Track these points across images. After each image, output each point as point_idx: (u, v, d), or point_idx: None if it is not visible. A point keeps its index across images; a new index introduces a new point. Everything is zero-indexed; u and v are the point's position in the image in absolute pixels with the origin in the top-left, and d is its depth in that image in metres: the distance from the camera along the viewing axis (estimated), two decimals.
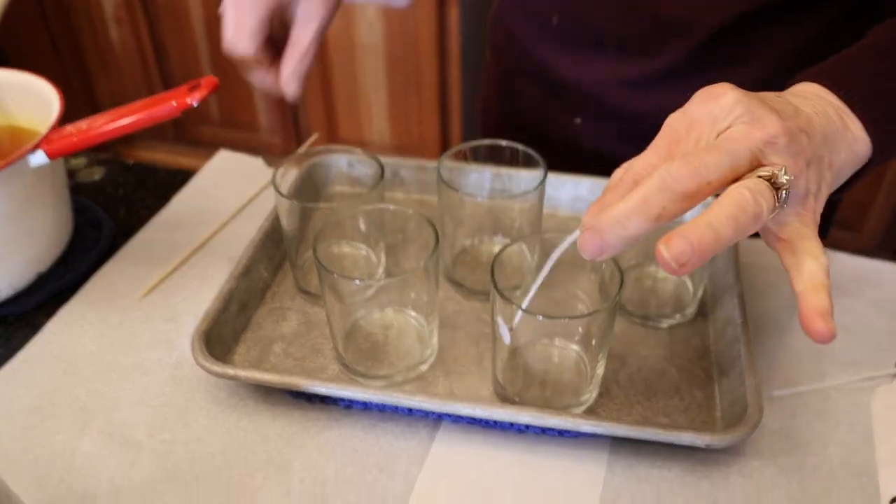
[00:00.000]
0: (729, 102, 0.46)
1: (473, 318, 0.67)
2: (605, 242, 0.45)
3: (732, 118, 0.46)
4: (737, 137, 0.45)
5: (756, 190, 0.44)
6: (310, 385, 0.57)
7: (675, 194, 0.44)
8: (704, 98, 0.47)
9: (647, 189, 0.44)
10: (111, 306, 0.70)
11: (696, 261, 0.43)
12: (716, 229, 0.43)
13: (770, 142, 0.45)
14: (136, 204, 0.82)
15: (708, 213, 0.43)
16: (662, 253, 0.43)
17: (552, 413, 0.55)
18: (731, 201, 0.43)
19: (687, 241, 0.42)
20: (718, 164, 0.44)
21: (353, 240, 0.69)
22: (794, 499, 0.55)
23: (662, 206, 0.44)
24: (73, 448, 0.58)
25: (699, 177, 0.44)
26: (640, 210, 0.44)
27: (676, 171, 0.44)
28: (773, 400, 0.61)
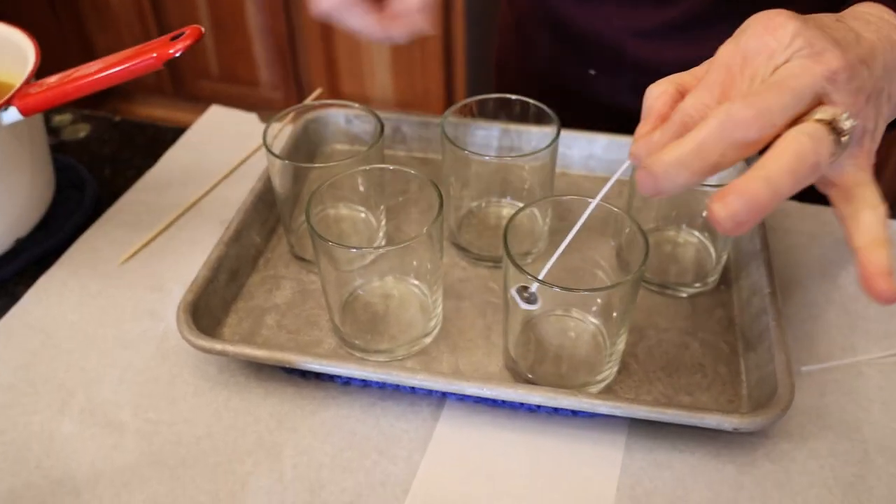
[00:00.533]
0: (788, 35, 0.41)
1: (480, 287, 0.62)
2: (658, 186, 0.41)
3: (791, 52, 0.41)
4: (798, 74, 0.40)
5: (815, 136, 0.39)
6: (304, 362, 0.53)
7: (735, 140, 0.39)
8: (761, 28, 0.42)
9: (705, 134, 0.39)
10: (94, 273, 0.65)
11: (753, 219, 0.38)
12: (774, 184, 0.38)
13: (831, 78, 0.40)
14: (122, 163, 0.77)
15: (764, 166, 0.39)
16: (717, 212, 0.38)
17: (566, 393, 0.50)
18: (789, 151, 0.38)
19: (743, 198, 0.38)
20: (783, 106, 0.39)
21: (350, 202, 0.63)
22: (827, 486, 0.50)
23: (721, 153, 0.39)
24: (52, 429, 0.53)
25: (763, 121, 0.39)
26: (696, 157, 0.39)
27: (738, 113, 0.39)
28: (800, 376, 0.57)
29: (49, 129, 0.81)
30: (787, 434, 0.53)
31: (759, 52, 0.42)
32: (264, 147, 0.59)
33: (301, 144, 0.71)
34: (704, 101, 0.42)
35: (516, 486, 0.50)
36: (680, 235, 0.64)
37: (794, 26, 0.41)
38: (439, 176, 0.71)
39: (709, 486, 0.50)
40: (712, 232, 0.63)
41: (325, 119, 0.72)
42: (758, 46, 0.42)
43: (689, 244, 0.64)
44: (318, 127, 0.73)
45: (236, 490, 0.50)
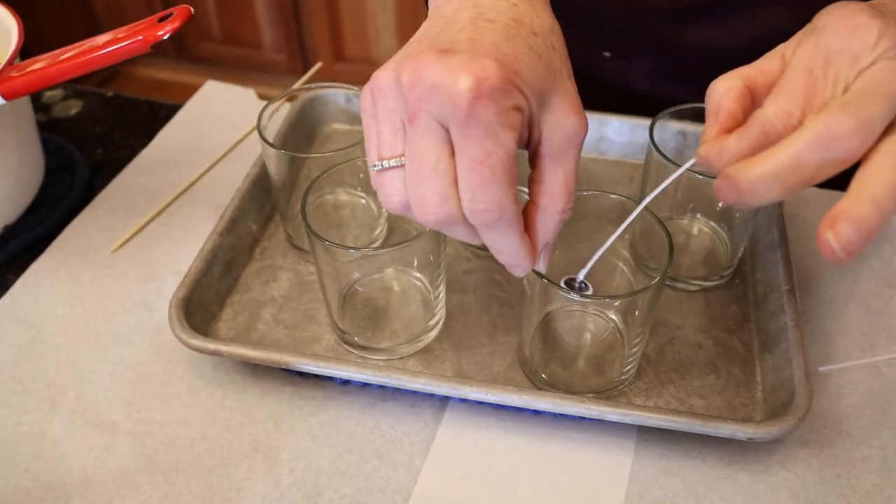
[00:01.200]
0: (873, 36, 0.37)
1: (486, 280, 0.59)
2: (743, 199, 0.38)
3: (877, 54, 0.37)
4: (890, 79, 0.36)
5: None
6: (301, 363, 0.50)
7: (834, 154, 0.36)
8: (841, 28, 0.38)
9: (801, 147, 0.36)
10: (85, 262, 0.62)
11: (863, 245, 0.35)
12: (882, 205, 0.35)
13: None
14: (115, 142, 0.73)
15: (867, 185, 0.35)
16: (830, 242, 0.35)
17: (573, 399, 0.48)
18: (890, 165, 0.35)
19: (855, 225, 0.35)
20: (882, 115, 0.36)
21: (350, 186, 0.60)
22: (844, 495, 0.48)
23: (818, 167, 0.36)
24: (42, 431, 0.51)
25: (864, 133, 0.35)
26: (790, 173, 0.36)
27: (838, 126, 0.35)
28: (817, 377, 0.54)
29: (39, 105, 0.77)
30: (803, 440, 0.51)
31: (841, 53, 0.38)
32: (258, 134, 0.56)
33: (299, 125, 0.68)
34: (788, 108, 0.38)
35: (521, 494, 0.48)
36: (694, 225, 0.61)
37: (878, 26, 0.38)
38: None
39: (721, 496, 0.48)
40: (729, 222, 0.59)
41: (325, 98, 0.69)
42: (840, 48, 0.38)
43: (704, 234, 0.61)
44: (317, 106, 0.69)
45: (231, 496, 0.48)
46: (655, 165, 0.56)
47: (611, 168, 0.68)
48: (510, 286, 0.58)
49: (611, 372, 0.52)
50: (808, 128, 0.36)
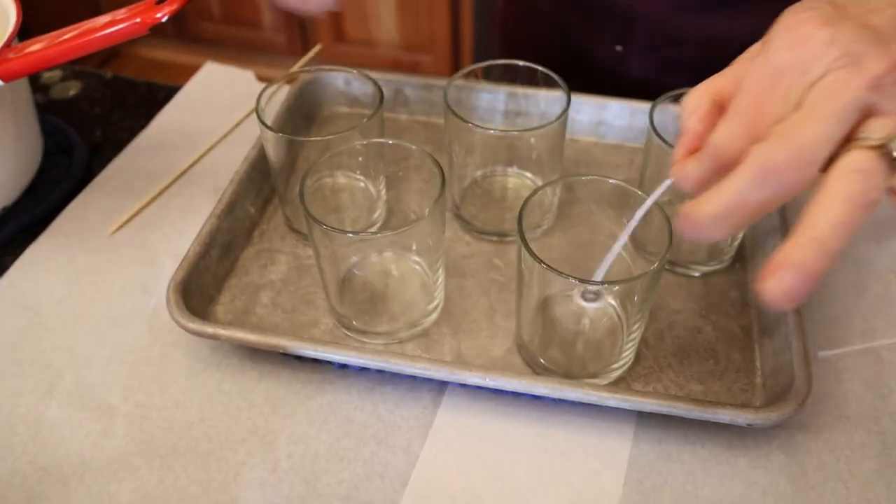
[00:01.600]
0: (819, 46, 0.35)
1: (484, 263, 0.58)
2: (703, 235, 0.37)
3: (826, 64, 0.35)
4: (837, 92, 0.34)
5: (866, 170, 0.33)
6: (298, 347, 0.49)
7: (776, 186, 0.34)
8: (789, 40, 0.36)
9: (742, 183, 0.35)
10: (83, 245, 0.61)
11: (808, 289, 0.34)
12: (827, 245, 0.33)
13: (875, 85, 0.34)
14: (113, 124, 0.72)
15: (811, 224, 0.34)
16: (771, 290, 0.34)
17: (572, 384, 0.47)
18: (838, 198, 0.33)
19: (796, 270, 0.33)
20: (822, 137, 0.34)
21: (349, 169, 0.59)
22: (843, 480, 0.48)
23: (764, 200, 0.35)
24: (39, 413, 0.51)
25: (802, 161, 0.34)
26: (736, 209, 0.35)
27: (773, 158, 0.34)
28: (817, 362, 0.53)
29: (38, 86, 0.76)
30: (803, 425, 0.50)
31: (790, 67, 0.36)
32: (257, 117, 0.55)
33: (298, 107, 0.67)
34: (735, 131, 0.37)
35: (520, 480, 0.47)
36: None
37: (825, 35, 0.35)
38: (442, 142, 0.67)
39: (720, 481, 0.47)
40: None
41: (324, 80, 0.68)
42: (789, 61, 0.36)
43: None
44: (316, 88, 0.68)
45: (229, 481, 0.47)
46: (655, 149, 0.55)
47: (610, 152, 0.68)
48: (509, 270, 0.58)
49: (609, 357, 0.52)
50: (747, 162, 0.35)
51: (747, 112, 0.37)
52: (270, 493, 0.47)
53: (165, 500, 0.46)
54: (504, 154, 0.62)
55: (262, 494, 0.47)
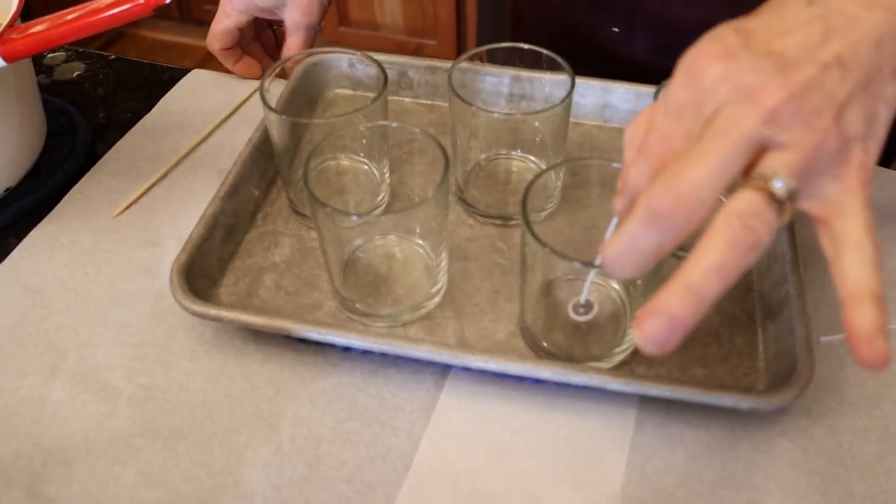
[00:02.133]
0: (710, 81, 0.34)
1: (488, 247, 0.58)
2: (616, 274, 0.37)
3: (719, 99, 0.34)
4: (725, 129, 0.33)
5: (748, 213, 0.33)
6: (303, 330, 0.49)
7: (666, 229, 0.33)
8: (685, 78, 0.35)
9: (633, 227, 0.34)
10: (87, 227, 0.60)
11: (679, 337, 0.33)
12: (698, 292, 0.33)
13: (770, 119, 0.33)
14: (116, 106, 0.72)
15: (687, 269, 0.33)
16: (637, 339, 0.34)
17: (576, 368, 0.47)
18: (716, 243, 0.33)
19: (662, 319, 0.33)
20: (709, 178, 0.33)
21: (353, 152, 0.59)
22: (845, 466, 0.47)
23: (657, 243, 0.34)
24: (42, 395, 0.50)
25: (686, 204, 0.33)
26: (633, 251, 0.35)
27: (657, 203, 0.33)
28: (819, 347, 0.53)
29: (41, 67, 0.76)
30: (805, 410, 0.50)
31: (686, 105, 0.35)
32: (260, 98, 0.55)
33: (302, 90, 0.66)
34: (642, 170, 0.36)
35: (522, 463, 0.47)
36: None
37: (717, 70, 0.34)
38: (446, 125, 0.67)
39: (723, 465, 0.47)
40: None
41: (328, 63, 0.67)
42: (684, 100, 0.35)
43: None
44: (320, 70, 0.67)
45: (232, 463, 0.47)
46: None
47: (615, 135, 0.67)
48: (512, 253, 0.57)
49: (612, 341, 0.51)
50: (637, 206, 0.34)
51: (653, 151, 0.36)
52: (274, 474, 0.46)
53: (169, 482, 0.46)
54: (508, 137, 0.61)
55: (266, 476, 0.46)
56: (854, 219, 0.35)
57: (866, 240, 0.34)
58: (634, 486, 0.46)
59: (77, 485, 0.46)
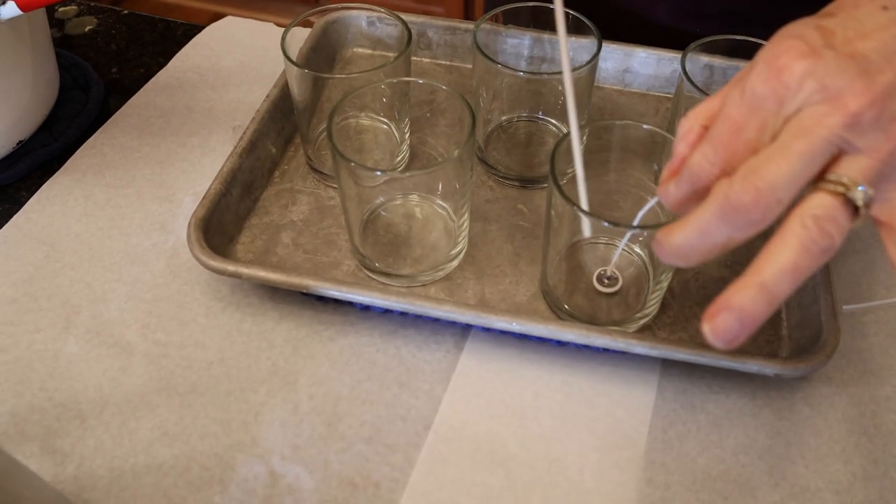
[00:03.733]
0: (795, 78, 0.33)
1: (509, 209, 0.56)
2: (674, 262, 0.37)
3: (803, 98, 0.33)
4: (809, 130, 0.33)
5: (824, 217, 0.32)
6: (321, 287, 0.47)
7: (740, 223, 0.33)
8: (766, 71, 0.34)
9: (706, 218, 0.34)
10: (100, 181, 0.58)
11: (748, 333, 0.33)
12: (771, 291, 0.33)
13: (852, 124, 0.32)
14: (130, 61, 0.69)
15: (759, 269, 0.33)
16: (706, 333, 0.33)
17: (600, 331, 0.45)
18: (790, 245, 0.32)
19: (734, 314, 0.33)
20: (789, 177, 0.32)
21: (373, 111, 0.57)
22: (868, 434, 0.46)
23: (728, 236, 0.34)
24: (56, 349, 0.49)
25: (765, 201, 0.32)
26: (701, 242, 0.35)
27: (737, 198, 0.33)
28: (842, 315, 0.51)
29: (52, 21, 0.73)
30: (827, 378, 0.48)
31: (766, 99, 0.34)
32: (282, 53, 0.52)
33: (320, 47, 0.64)
34: (709, 158, 0.35)
35: (543, 425, 0.46)
36: None
37: (802, 67, 0.33)
38: (466, 86, 0.65)
39: (745, 432, 0.46)
40: None
41: (347, 21, 0.65)
42: (764, 93, 0.34)
43: None
44: (338, 28, 0.65)
45: (249, 420, 0.46)
46: (686, 98, 0.53)
47: (636, 100, 0.65)
48: (533, 216, 0.56)
49: (635, 305, 0.50)
50: (712, 197, 0.34)
51: (722, 139, 0.35)
52: (291, 433, 0.45)
53: (185, 439, 0.45)
54: (530, 100, 0.59)
55: (283, 434, 0.45)
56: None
57: None
58: (657, 451, 0.45)
59: (91, 440, 0.45)
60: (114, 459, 0.44)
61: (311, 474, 0.43)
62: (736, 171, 0.34)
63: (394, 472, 0.44)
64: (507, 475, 0.44)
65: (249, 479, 0.43)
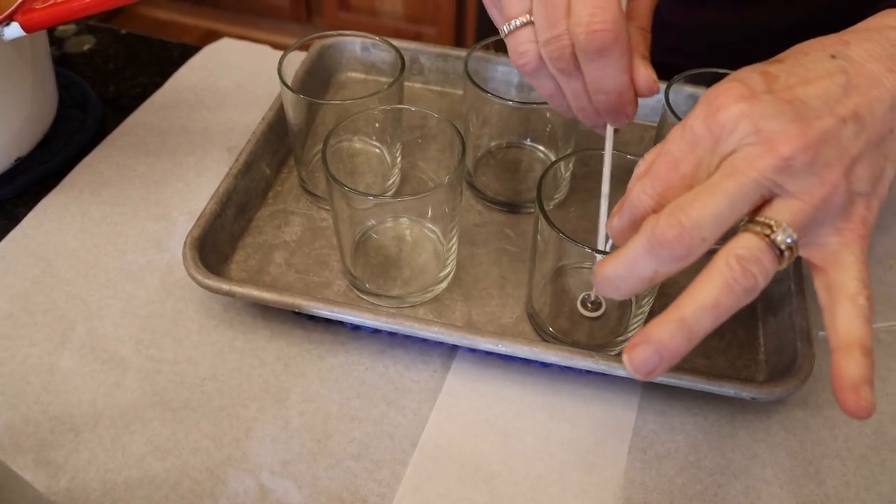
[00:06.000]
0: (731, 118, 0.34)
1: (496, 233, 0.58)
2: (607, 294, 0.38)
3: (737, 139, 0.34)
4: (739, 171, 0.34)
5: (748, 257, 0.33)
6: (313, 307, 0.49)
7: (663, 258, 0.34)
8: (705, 111, 0.35)
9: (633, 251, 0.35)
10: (97, 199, 0.60)
11: (665, 367, 0.34)
12: (691, 326, 0.34)
13: (783, 167, 0.33)
14: (127, 80, 0.71)
15: (680, 305, 0.34)
16: (625, 363, 0.35)
17: (582, 353, 0.47)
18: (714, 281, 0.33)
19: (653, 347, 0.34)
20: (716, 216, 0.34)
21: (366, 135, 0.59)
22: (840, 457, 0.48)
23: (653, 270, 0.35)
24: (51, 363, 0.50)
25: (689, 237, 0.34)
26: (629, 275, 0.36)
27: (661, 233, 0.34)
28: (818, 340, 0.53)
29: (52, 39, 0.75)
30: (803, 402, 0.50)
31: (702, 137, 0.35)
32: (279, 78, 0.54)
33: (315, 72, 0.66)
34: (647, 191, 0.37)
35: (527, 445, 0.47)
36: None
37: (738, 109, 0.34)
38: (457, 111, 0.67)
39: (721, 453, 0.48)
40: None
41: (341, 46, 0.67)
42: (701, 132, 0.35)
43: None
44: (333, 53, 0.67)
45: (240, 436, 0.47)
46: (669, 128, 0.55)
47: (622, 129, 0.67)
48: (520, 240, 0.57)
49: (617, 328, 0.51)
50: (640, 232, 0.35)
51: (660, 174, 0.37)
52: (281, 449, 0.47)
53: (177, 453, 0.46)
54: (519, 127, 0.61)
55: (274, 450, 0.46)
56: (851, 272, 0.35)
57: (861, 294, 0.35)
58: (636, 471, 0.47)
59: (85, 453, 0.46)
60: (107, 472, 0.45)
61: (300, 489, 0.45)
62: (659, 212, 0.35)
63: (381, 487, 0.45)
64: (490, 492, 0.45)
65: (240, 494, 0.45)
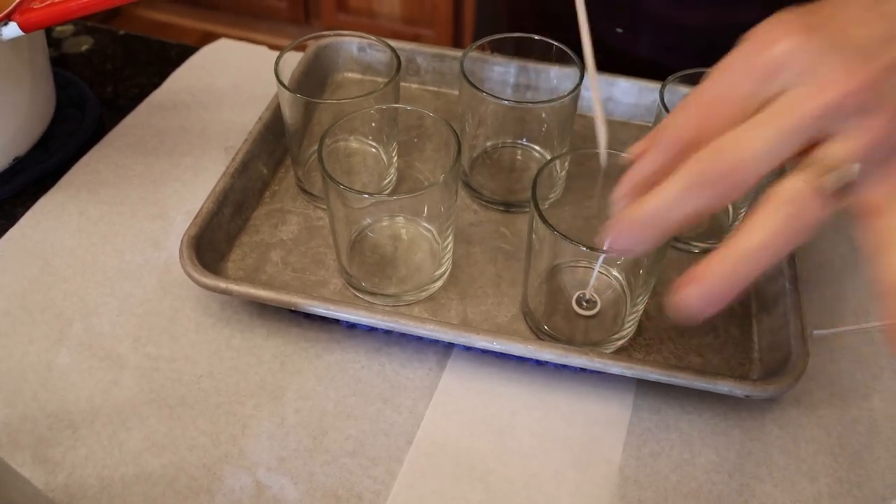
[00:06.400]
0: (786, 54, 0.33)
1: (492, 232, 0.58)
2: (622, 246, 0.36)
3: (788, 77, 0.33)
4: (791, 110, 0.32)
5: (800, 202, 0.32)
6: (309, 305, 0.49)
7: (710, 195, 0.33)
8: (758, 43, 0.34)
9: (674, 190, 0.34)
10: (94, 198, 0.60)
11: (719, 307, 0.34)
12: (743, 267, 0.33)
13: (835, 108, 0.32)
14: (125, 80, 0.72)
15: (732, 244, 0.33)
16: (679, 302, 0.34)
17: (577, 351, 0.47)
18: (766, 223, 0.32)
19: (704, 287, 0.33)
20: (765, 155, 0.32)
21: (362, 135, 0.59)
22: (833, 454, 0.48)
23: (693, 208, 0.34)
24: (49, 361, 0.50)
25: (740, 175, 0.33)
26: (665, 216, 0.34)
27: (711, 166, 0.33)
28: (812, 340, 0.54)
29: (49, 40, 0.75)
30: (797, 400, 0.51)
31: (754, 70, 0.34)
32: (275, 77, 0.55)
33: (312, 72, 0.66)
34: (684, 119, 0.36)
35: (522, 442, 0.48)
36: None
37: (792, 42, 0.33)
38: (453, 111, 0.67)
39: (715, 451, 0.48)
40: None
41: (338, 46, 0.67)
42: (754, 64, 0.34)
43: None
44: (330, 54, 0.67)
45: (237, 433, 0.47)
46: None
47: (617, 128, 0.67)
48: (516, 239, 0.58)
49: (612, 327, 0.52)
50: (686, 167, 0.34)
51: (702, 104, 0.35)
52: (278, 446, 0.47)
53: (174, 450, 0.47)
54: (514, 127, 0.62)
55: (270, 447, 0.47)
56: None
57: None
58: (630, 469, 0.47)
59: (83, 449, 0.46)
60: (104, 469, 0.46)
61: (296, 486, 0.45)
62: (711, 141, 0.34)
63: (376, 484, 0.46)
64: (485, 490, 0.46)
65: (236, 490, 0.45)
